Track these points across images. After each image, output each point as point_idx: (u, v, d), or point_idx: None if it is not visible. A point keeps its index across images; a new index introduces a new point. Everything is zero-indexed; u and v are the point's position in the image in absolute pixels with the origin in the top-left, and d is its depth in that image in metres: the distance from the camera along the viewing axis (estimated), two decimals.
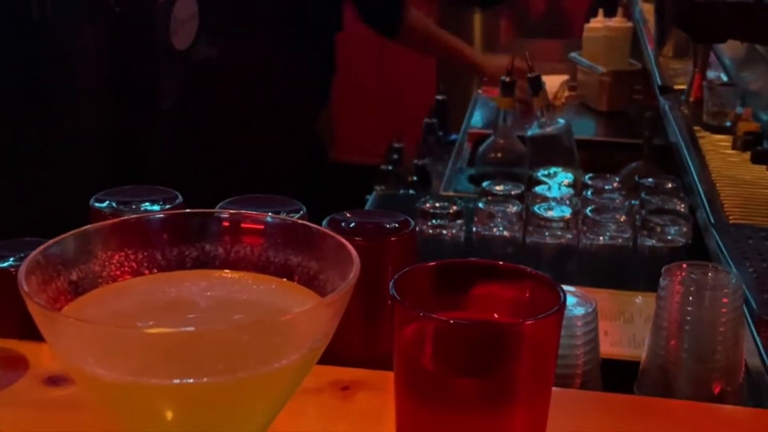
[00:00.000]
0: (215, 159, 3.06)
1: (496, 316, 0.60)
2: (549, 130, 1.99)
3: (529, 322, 0.56)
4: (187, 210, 0.52)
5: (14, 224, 2.67)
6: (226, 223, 0.52)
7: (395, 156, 2.45)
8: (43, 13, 2.60)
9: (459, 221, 1.47)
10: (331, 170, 2.39)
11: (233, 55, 2.41)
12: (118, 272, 0.50)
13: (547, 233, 1.42)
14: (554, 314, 0.56)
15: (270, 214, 0.52)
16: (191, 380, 0.41)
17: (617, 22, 2.44)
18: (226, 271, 0.51)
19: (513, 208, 1.45)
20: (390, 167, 2.38)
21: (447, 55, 2.52)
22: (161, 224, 0.51)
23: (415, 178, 2.29)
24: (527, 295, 0.60)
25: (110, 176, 3.10)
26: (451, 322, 0.57)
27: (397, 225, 0.83)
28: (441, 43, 2.47)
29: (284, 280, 0.50)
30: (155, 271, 0.51)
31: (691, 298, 0.90)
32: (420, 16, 2.43)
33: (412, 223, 0.84)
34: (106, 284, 0.49)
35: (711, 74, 1.94)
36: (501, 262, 0.61)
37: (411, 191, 2.22)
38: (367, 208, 1.84)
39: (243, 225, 0.52)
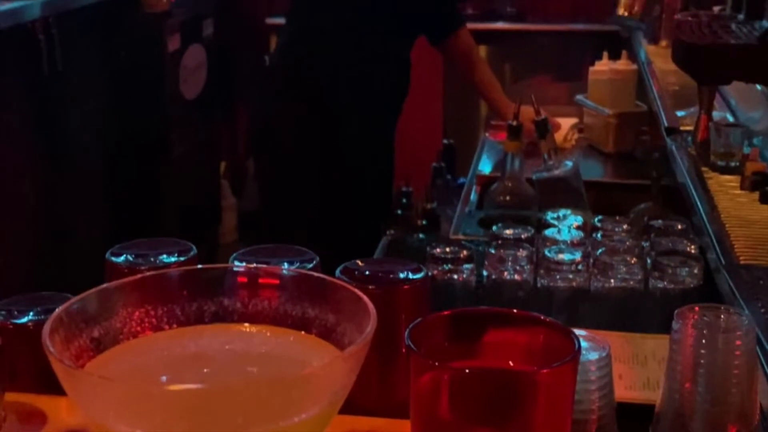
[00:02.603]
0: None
1: (511, 363, 0.61)
2: (557, 172, 2.00)
3: (545, 370, 0.56)
4: (206, 265, 0.53)
5: (28, 276, 2.69)
6: (243, 278, 0.53)
7: (404, 200, 2.46)
8: (54, 67, 2.65)
9: (469, 265, 1.47)
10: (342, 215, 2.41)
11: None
12: (138, 328, 0.50)
13: (558, 276, 1.42)
14: (570, 362, 0.57)
15: (287, 267, 0.52)
16: None
17: (622, 64, 2.47)
18: (245, 324, 0.52)
19: (523, 252, 1.46)
20: (399, 211, 2.40)
21: (479, 88, 2.57)
22: (180, 280, 0.52)
23: (424, 222, 2.30)
24: (542, 342, 0.60)
25: (122, 225, 3.12)
26: (467, 371, 0.57)
27: (409, 273, 0.83)
28: (476, 75, 2.54)
29: (302, 332, 0.51)
30: (175, 326, 0.51)
31: (704, 341, 0.90)
32: (469, 42, 2.56)
33: (425, 270, 0.85)
34: (126, 340, 0.50)
35: (717, 114, 1.95)
36: (515, 310, 0.61)
37: (421, 235, 2.22)
38: (377, 252, 1.85)
39: (260, 279, 0.53)
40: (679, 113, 2.10)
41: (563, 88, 2.94)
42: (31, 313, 0.79)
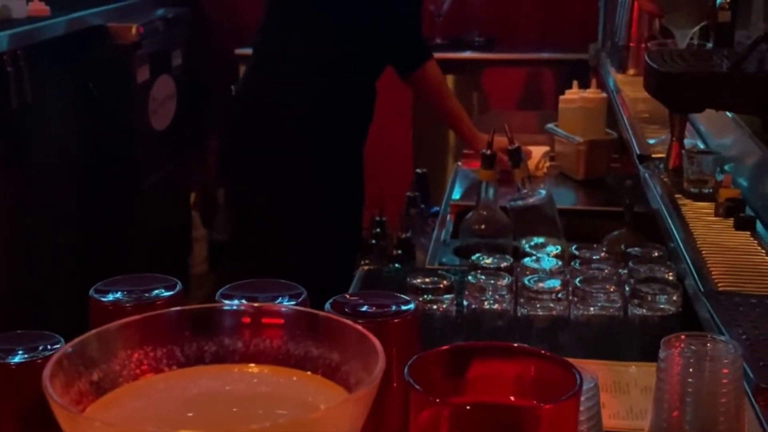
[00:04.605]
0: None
1: (511, 398, 0.60)
2: (531, 200, 2.00)
3: (548, 405, 0.56)
4: (206, 305, 0.52)
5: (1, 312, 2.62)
6: (245, 317, 0.52)
7: (378, 230, 2.46)
8: (23, 99, 2.63)
9: (450, 296, 1.46)
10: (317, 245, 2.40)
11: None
12: (138, 370, 0.49)
13: (538, 305, 1.42)
14: (573, 396, 0.56)
15: (289, 305, 0.51)
16: None
17: (592, 93, 2.49)
18: (247, 364, 0.51)
19: (503, 281, 1.45)
20: (374, 241, 2.39)
21: (447, 119, 2.59)
22: (180, 319, 0.51)
23: (399, 252, 2.29)
24: (542, 376, 0.60)
25: (92, 256, 3.08)
26: (468, 407, 0.57)
27: (400, 306, 0.83)
28: (444, 106, 2.55)
29: (306, 372, 0.50)
30: (174, 367, 0.50)
31: (691, 369, 0.90)
32: (437, 74, 2.57)
33: (414, 303, 0.84)
34: (126, 383, 0.49)
35: (687, 142, 1.97)
36: (515, 344, 0.61)
37: (396, 265, 2.22)
38: (354, 283, 1.84)
39: (262, 318, 0.52)
40: (650, 141, 2.13)
41: (533, 116, 2.96)
42: (17, 353, 0.77)
